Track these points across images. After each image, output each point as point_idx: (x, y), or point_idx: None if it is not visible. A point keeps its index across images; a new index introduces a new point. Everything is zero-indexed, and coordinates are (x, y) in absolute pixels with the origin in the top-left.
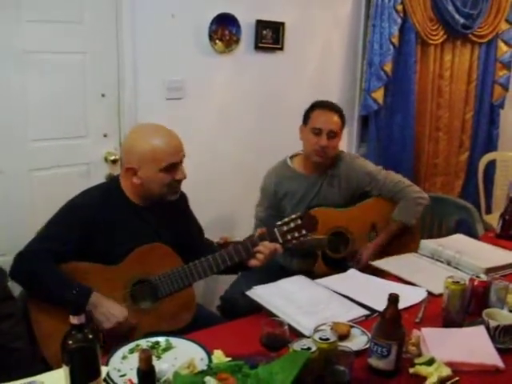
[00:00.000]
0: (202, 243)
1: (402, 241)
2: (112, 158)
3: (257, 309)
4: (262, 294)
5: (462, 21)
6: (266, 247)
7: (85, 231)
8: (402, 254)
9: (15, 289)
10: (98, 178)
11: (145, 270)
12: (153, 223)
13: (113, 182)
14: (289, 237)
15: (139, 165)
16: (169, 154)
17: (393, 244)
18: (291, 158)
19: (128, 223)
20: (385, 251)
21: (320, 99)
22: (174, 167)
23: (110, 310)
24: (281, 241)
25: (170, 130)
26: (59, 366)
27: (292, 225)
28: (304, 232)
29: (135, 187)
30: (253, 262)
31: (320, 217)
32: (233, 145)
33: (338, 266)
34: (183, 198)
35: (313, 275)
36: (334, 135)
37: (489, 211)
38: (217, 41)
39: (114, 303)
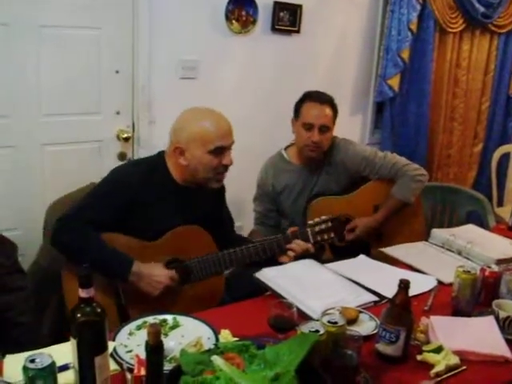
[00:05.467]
0: (231, 234)
1: (405, 223)
2: (124, 135)
3: (260, 289)
4: (271, 276)
5: (482, 10)
6: (299, 246)
7: (128, 205)
8: (406, 234)
9: (24, 264)
10: (110, 155)
11: (180, 250)
12: (191, 205)
13: (159, 158)
14: (319, 238)
15: (187, 145)
16: (218, 137)
17: (396, 225)
18: (286, 149)
19: (168, 202)
20: (389, 232)
21: (311, 90)
22: (221, 151)
23: (154, 278)
24: (312, 241)
25: (222, 115)
26: None
27: (323, 226)
28: (332, 235)
29: (181, 168)
30: (283, 259)
31: (322, 206)
32: (245, 127)
33: (345, 254)
34: (222, 188)
35: (321, 263)
36: (326, 129)
37: (500, 204)
38: (233, 21)
39: (155, 268)
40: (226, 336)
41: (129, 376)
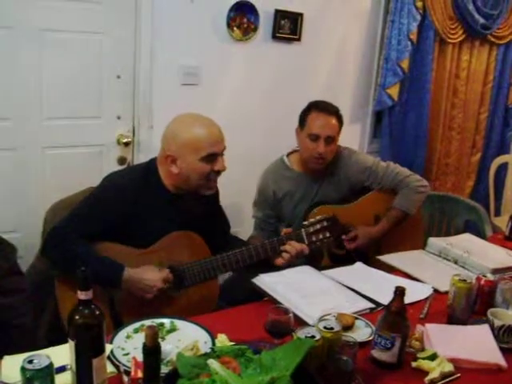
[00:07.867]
0: (226, 238)
1: (404, 233)
2: (125, 140)
3: (256, 295)
4: (268, 281)
5: (481, 21)
6: (293, 247)
7: (121, 215)
8: (405, 244)
9: (22, 266)
10: (110, 159)
11: (173, 256)
12: (184, 212)
13: (150, 165)
14: (314, 238)
15: (179, 153)
16: (210, 144)
17: (395, 235)
18: (288, 155)
19: (161, 209)
20: (388, 243)
21: (317, 99)
22: (214, 157)
23: (146, 282)
24: (306, 242)
25: (212, 121)
26: None
27: (318, 226)
28: (328, 235)
29: (172, 176)
30: (278, 261)
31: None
32: (245, 133)
33: (344, 262)
34: (215, 192)
35: (319, 270)
36: (331, 140)
37: (498, 213)
38: (235, 28)
39: (147, 271)
40: (222, 340)
41: (126, 378)
